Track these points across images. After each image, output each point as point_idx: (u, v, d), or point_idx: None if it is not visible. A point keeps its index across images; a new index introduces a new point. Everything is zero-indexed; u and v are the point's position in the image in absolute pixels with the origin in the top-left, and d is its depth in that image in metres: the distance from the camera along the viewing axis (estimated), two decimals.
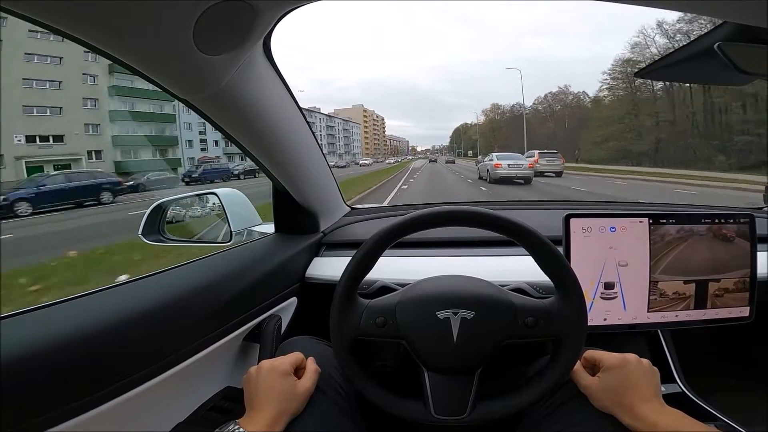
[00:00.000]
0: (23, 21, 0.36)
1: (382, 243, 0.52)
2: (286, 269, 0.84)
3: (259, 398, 0.48)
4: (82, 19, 0.37)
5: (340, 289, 0.52)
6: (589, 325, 0.51)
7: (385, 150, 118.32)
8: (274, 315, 0.77)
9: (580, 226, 0.68)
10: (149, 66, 0.47)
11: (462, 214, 0.51)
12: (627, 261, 0.68)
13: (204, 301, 0.62)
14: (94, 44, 0.41)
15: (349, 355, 0.52)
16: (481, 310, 0.50)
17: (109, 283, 0.58)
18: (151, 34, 0.41)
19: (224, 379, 0.69)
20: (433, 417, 0.49)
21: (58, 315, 0.48)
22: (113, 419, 0.46)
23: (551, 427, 0.50)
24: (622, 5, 0.36)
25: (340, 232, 1.04)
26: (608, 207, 1.24)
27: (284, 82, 0.69)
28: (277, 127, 0.72)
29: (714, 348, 0.92)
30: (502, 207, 1.23)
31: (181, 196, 1.05)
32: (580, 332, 0.49)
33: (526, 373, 0.59)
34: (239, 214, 0.98)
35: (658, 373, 0.51)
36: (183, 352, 0.56)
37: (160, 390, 0.53)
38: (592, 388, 0.50)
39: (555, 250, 0.50)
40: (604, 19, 75.31)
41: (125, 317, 0.50)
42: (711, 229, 0.70)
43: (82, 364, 0.44)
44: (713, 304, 0.70)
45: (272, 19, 0.48)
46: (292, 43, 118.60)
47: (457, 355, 0.49)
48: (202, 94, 0.54)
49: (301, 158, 0.83)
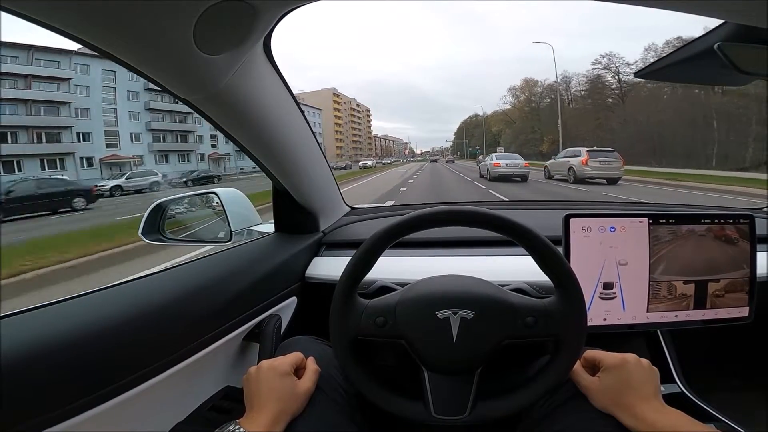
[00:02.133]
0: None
1: (381, 243, 0.52)
2: (286, 269, 0.84)
3: (259, 398, 0.48)
4: (83, 19, 0.37)
5: (340, 288, 0.52)
6: (589, 325, 0.51)
7: (370, 149, 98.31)
8: (274, 315, 0.77)
9: (580, 226, 0.68)
10: (149, 66, 0.47)
11: (462, 214, 0.51)
12: (627, 261, 0.68)
13: (204, 300, 0.62)
14: (95, 44, 0.41)
15: (349, 354, 0.52)
16: (481, 309, 0.50)
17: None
18: (151, 34, 0.41)
19: (224, 379, 0.69)
20: (432, 417, 0.49)
21: (58, 315, 0.48)
22: (113, 419, 0.46)
23: (551, 427, 0.50)
24: (623, 5, 0.36)
25: (340, 231, 1.04)
26: (608, 207, 1.24)
27: (284, 82, 0.69)
28: (277, 127, 0.72)
29: (714, 348, 0.92)
30: (502, 207, 1.23)
31: (181, 196, 1.05)
32: (580, 332, 0.49)
33: (526, 373, 0.59)
34: (239, 213, 0.98)
35: (657, 373, 0.51)
36: (183, 352, 0.56)
37: (160, 390, 0.53)
38: (591, 388, 0.50)
39: (555, 250, 0.50)
40: (606, 19, 75.31)
41: (125, 317, 0.50)
42: (711, 230, 0.70)
43: (82, 363, 0.44)
44: (713, 305, 0.70)
45: (272, 18, 0.48)
46: (291, 44, 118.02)
47: (456, 355, 0.49)
48: (202, 93, 0.54)
49: (301, 158, 0.83)
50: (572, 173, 11.76)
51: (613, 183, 11.20)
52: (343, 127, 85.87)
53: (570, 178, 11.83)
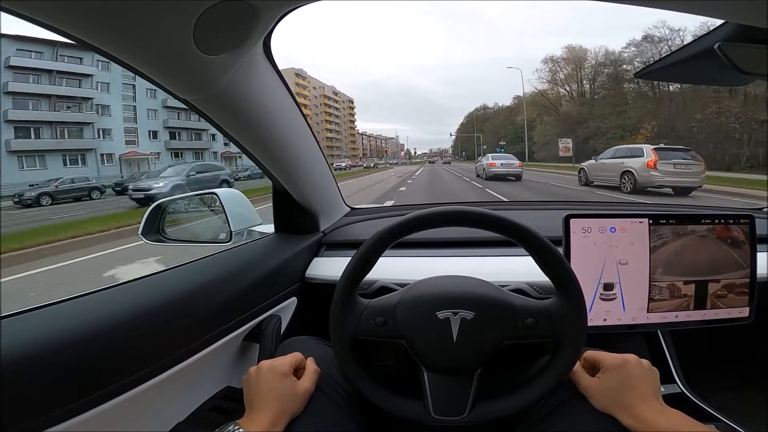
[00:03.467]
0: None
1: (382, 243, 0.52)
2: (286, 269, 0.84)
3: (259, 398, 0.48)
4: (82, 19, 0.37)
5: (340, 288, 0.52)
6: (589, 326, 0.51)
7: (354, 148, 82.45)
8: (274, 315, 0.77)
9: (580, 227, 0.68)
10: (149, 66, 0.47)
11: (462, 214, 0.51)
12: (627, 261, 0.68)
13: (204, 301, 0.62)
14: (95, 44, 0.41)
15: (349, 355, 0.52)
16: (481, 310, 0.50)
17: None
18: (151, 34, 0.41)
19: (224, 379, 0.69)
20: (432, 417, 0.49)
21: (58, 315, 0.48)
22: (113, 419, 0.46)
23: (551, 427, 0.50)
24: (623, 5, 0.36)
25: (340, 232, 1.04)
26: (608, 207, 1.24)
27: (284, 82, 0.69)
28: (277, 127, 0.72)
29: (714, 348, 0.92)
30: (502, 207, 1.23)
31: (181, 196, 1.05)
32: (580, 333, 0.49)
33: (526, 374, 0.59)
34: (239, 213, 0.98)
35: (657, 373, 0.51)
36: (183, 352, 0.56)
37: (160, 390, 0.53)
38: (591, 389, 0.50)
39: (555, 251, 0.50)
40: (608, 19, 74.93)
41: (125, 317, 0.50)
42: (711, 230, 0.70)
43: (82, 364, 0.44)
44: (713, 305, 0.70)
45: (272, 19, 0.48)
46: (291, 44, 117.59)
47: (456, 355, 0.49)
48: (202, 94, 0.54)
49: (300, 158, 0.83)
50: (630, 179, 8.41)
51: (685, 194, 8.06)
52: (311, 119, 65.25)
53: (625, 187, 8.51)
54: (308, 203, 0.93)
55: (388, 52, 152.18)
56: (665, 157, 8.00)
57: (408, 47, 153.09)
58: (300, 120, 0.79)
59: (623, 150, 9.56)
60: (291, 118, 0.76)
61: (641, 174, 8.16)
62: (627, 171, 8.53)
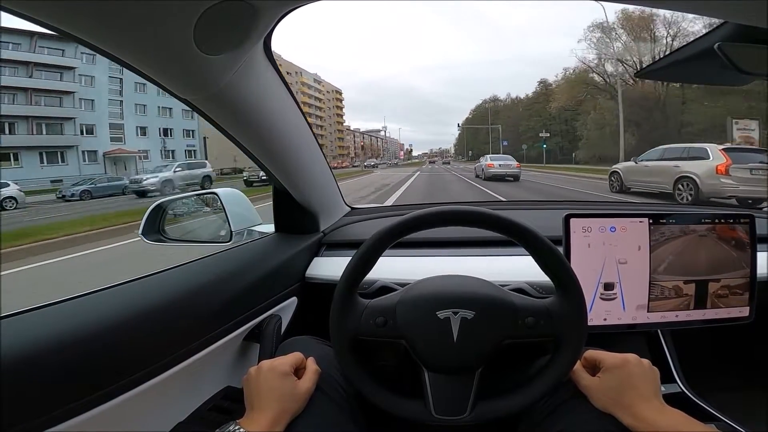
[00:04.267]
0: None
1: (382, 243, 0.52)
2: (286, 269, 0.84)
3: (259, 398, 0.48)
4: (82, 19, 0.37)
5: (340, 288, 0.52)
6: (589, 325, 0.51)
7: (342, 146, 73.08)
8: (274, 315, 0.77)
9: (580, 226, 0.68)
10: (149, 66, 0.47)
11: (462, 214, 0.51)
12: (627, 261, 0.68)
13: (204, 301, 0.62)
14: (95, 44, 0.41)
15: (349, 355, 0.52)
16: (482, 310, 0.50)
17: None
18: (151, 34, 0.41)
19: (224, 379, 0.69)
20: (433, 417, 0.49)
21: (58, 315, 0.48)
22: (113, 419, 0.46)
23: (551, 426, 0.50)
24: (623, 5, 0.36)
25: (340, 231, 1.04)
26: (608, 207, 1.24)
27: (284, 82, 0.69)
28: (277, 127, 0.72)
29: (714, 348, 0.92)
30: (502, 207, 1.23)
31: (181, 196, 1.05)
32: (580, 332, 0.49)
33: (527, 373, 0.59)
34: (239, 213, 0.98)
35: (658, 373, 0.51)
36: (183, 352, 0.56)
37: (161, 390, 0.53)
38: (592, 388, 0.50)
39: (555, 250, 0.50)
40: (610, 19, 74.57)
41: (125, 317, 0.50)
42: (711, 229, 0.70)
43: (82, 364, 0.44)
44: (713, 304, 0.70)
45: (272, 19, 0.48)
46: (291, 44, 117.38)
47: (457, 355, 0.49)
48: (203, 94, 0.54)
49: (301, 158, 0.83)
50: (690, 188, 6.51)
51: (756, 206, 5.43)
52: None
53: (684, 197, 6.57)
54: (308, 203, 0.93)
55: (389, 53, 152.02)
56: (739, 160, 6.07)
57: (408, 47, 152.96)
58: (300, 120, 0.79)
59: (676, 150, 7.51)
60: (291, 117, 0.76)
61: (707, 182, 6.23)
62: (685, 176, 6.62)
